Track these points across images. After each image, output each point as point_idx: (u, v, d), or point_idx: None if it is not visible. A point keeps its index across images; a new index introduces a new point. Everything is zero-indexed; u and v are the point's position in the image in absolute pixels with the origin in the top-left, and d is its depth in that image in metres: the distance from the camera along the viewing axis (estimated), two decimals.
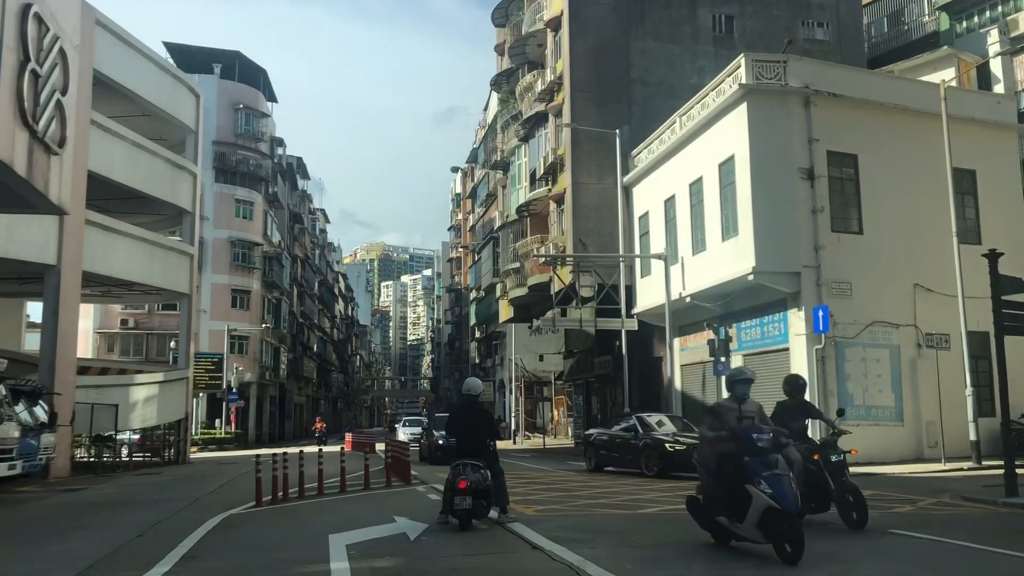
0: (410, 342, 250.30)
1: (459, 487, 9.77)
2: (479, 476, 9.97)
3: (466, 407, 10.98)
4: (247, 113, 57.74)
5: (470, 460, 10.12)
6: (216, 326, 53.24)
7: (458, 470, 10.02)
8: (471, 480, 9.83)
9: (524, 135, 36.08)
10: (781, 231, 21.87)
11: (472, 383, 11.26)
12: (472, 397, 11.08)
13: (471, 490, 9.79)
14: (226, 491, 17.96)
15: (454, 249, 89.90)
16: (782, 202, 21.93)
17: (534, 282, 34.06)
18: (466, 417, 10.73)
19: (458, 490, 9.79)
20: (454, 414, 11.13)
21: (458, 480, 9.83)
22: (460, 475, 9.89)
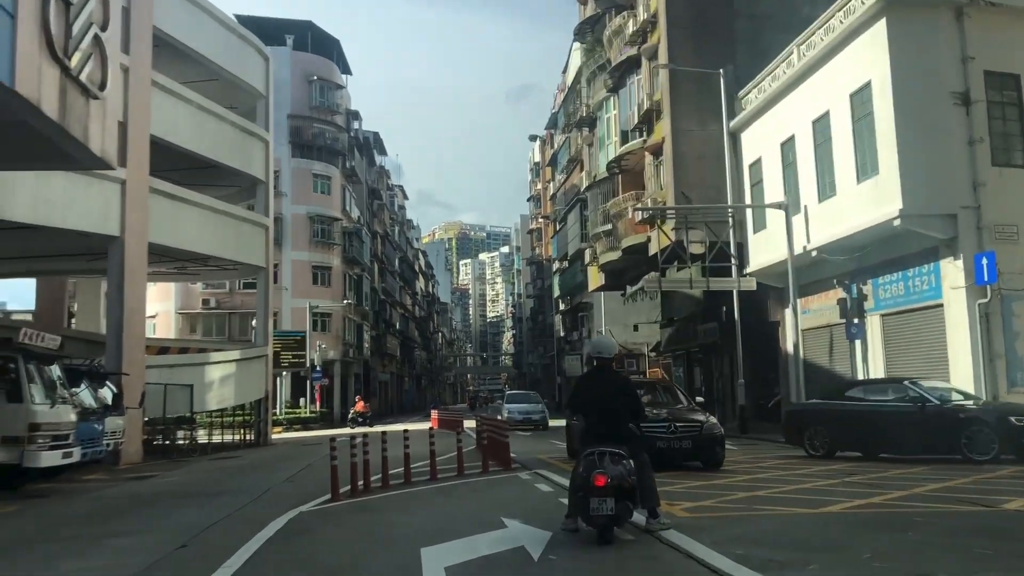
0: (489, 319, 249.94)
1: (596, 485, 7.11)
2: (622, 470, 7.25)
3: (597, 375, 8.11)
4: (321, 85, 56.04)
5: (609, 447, 7.42)
6: (298, 303, 51.92)
7: (592, 461, 7.32)
8: (612, 475, 7.16)
9: (613, 85, 33.09)
10: (932, 167, 18.60)
11: (604, 342, 8.41)
12: (605, 361, 8.22)
13: (612, 489, 7.13)
14: (303, 478, 15.85)
15: (534, 220, 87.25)
16: (932, 133, 18.63)
17: (629, 244, 31.19)
18: (599, 388, 7.90)
19: (595, 489, 7.13)
20: (582, 384, 8.25)
21: (594, 475, 7.16)
22: (596, 468, 7.21)
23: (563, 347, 65.56)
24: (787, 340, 26.79)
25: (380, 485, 12.98)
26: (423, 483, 13.28)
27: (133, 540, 9.06)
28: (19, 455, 14.91)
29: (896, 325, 21.11)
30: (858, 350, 22.43)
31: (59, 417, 15.85)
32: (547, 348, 77.26)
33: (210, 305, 52.75)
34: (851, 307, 22.29)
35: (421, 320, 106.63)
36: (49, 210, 20.62)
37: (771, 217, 25.33)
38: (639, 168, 31.82)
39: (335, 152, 56.46)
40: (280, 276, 52.79)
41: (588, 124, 39.46)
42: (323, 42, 57.42)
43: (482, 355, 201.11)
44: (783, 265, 24.86)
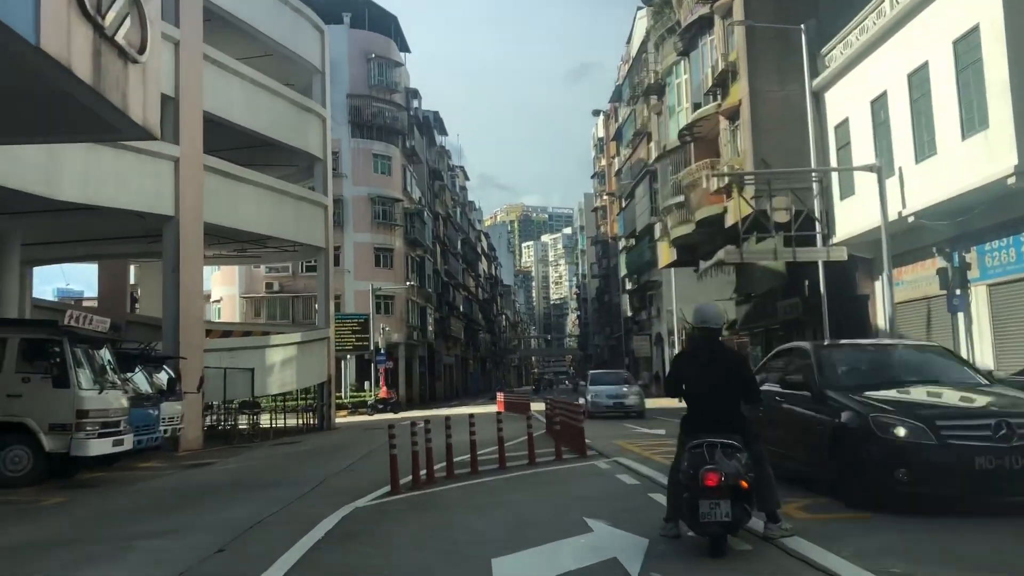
0: (553, 301, 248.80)
1: (707, 484, 5.69)
2: (738, 465, 5.83)
3: (703, 349, 6.68)
4: (380, 63, 55.14)
5: (719, 437, 6.00)
6: (361, 286, 51.34)
7: (700, 455, 5.90)
8: (726, 472, 5.72)
9: (683, 47, 31.28)
10: None
11: (709, 310, 6.86)
12: (711, 332, 6.75)
13: (727, 489, 5.69)
14: (363, 466, 14.80)
15: (598, 198, 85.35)
16: None
17: (703, 216, 29.46)
18: (705, 365, 6.48)
19: (705, 489, 5.70)
20: (684, 361, 6.89)
21: (704, 473, 5.73)
22: (706, 464, 5.79)
23: (631, 327, 63.85)
24: (878, 314, 24.91)
25: (445, 475, 11.82)
26: (491, 473, 12.07)
27: (168, 543, 8.02)
28: (67, 443, 14.19)
29: (1006, 296, 19.14)
30: (961, 324, 20.51)
31: (108, 403, 15.07)
32: (614, 329, 75.60)
33: (273, 289, 52.50)
34: (953, 277, 20.35)
35: (484, 302, 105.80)
36: (99, 189, 19.94)
37: (860, 182, 23.41)
38: (713, 135, 30.02)
39: (395, 132, 55.59)
40: (342, 259, 52.32)
41: (656, 92, 37.67)
42: (380, 19, 56.47)
43: (546, 337, 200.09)
44: (874, 233, 22.94)
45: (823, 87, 25.12)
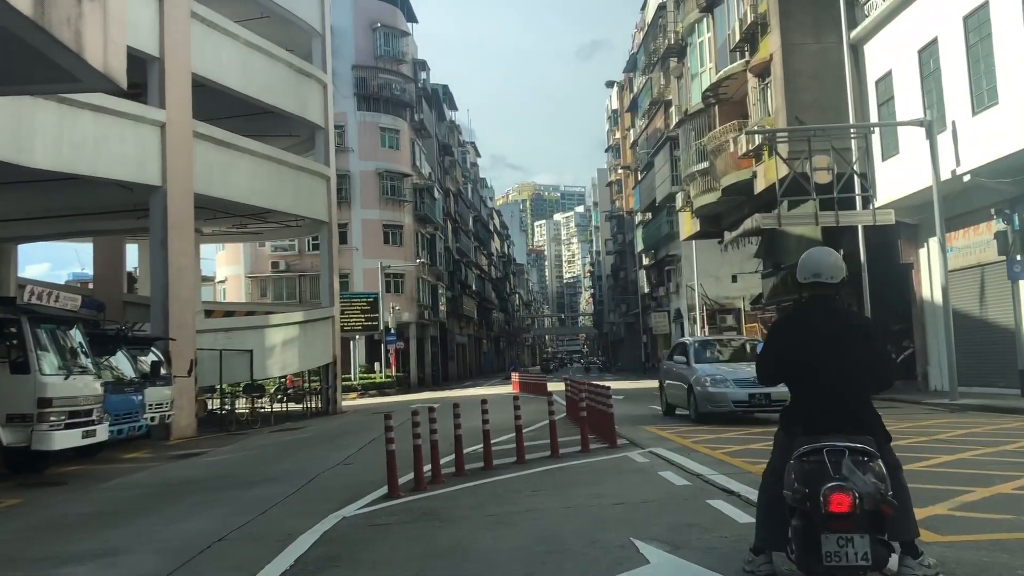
0: (566, 280, 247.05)
1: (833, 510, 3.77)
2: (875, 482, 3.90)
3: (816, 313, 4.59)
4: (386, 32, 53.12)
5: (846, 439, 4.08)
6: (370, 264, 49.62)
7: (819, 465, 3.98)
8: (861, 493, 3.81)
9: (707, 3, 29.19)
10: None
11: (824, 259, 4.63)
12: (827, 290, 4.62)
13: (863, 518, 3.81)
14: (363, 459, 13.11)
15: (613, 172, 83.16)
16: None
17: (730, 182, 27.50)
18: (821, 335, 4.45)
19: (831, 517, 3.79)
20: (786, 329, 4.72)
21: (829, 493, 3.81)
22: (831, 480, 3.87)
23: (648, 304, 61.95)
24: (923, 284, 23.02)
25: (453, 472, 10.10)
26: (508, 469, 10.34)
27: (96, 570, 6.32)
28: (28, 436, 12.55)
29: None
30: (1022, 292, 18.63)
31: (78, 390, 13.41)
32: (630, 306, 73.70)
33: (279, 268, 50.87)
34: (1014, 241, 18.45)
35: (497, 281, 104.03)
36: (75, 156, 18.21)
37: (906, 140, 21.44)
38: (740, 96, 28.03)
39: (402, 104, 53.65)
40: (350, 236, 50.63)
41: (677, 53, 35.58)
42: None
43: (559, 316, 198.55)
44: (920, 196, 21.02)
45: (862, 38, 23.12)
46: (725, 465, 9.39)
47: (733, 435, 12.92)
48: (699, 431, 13.90)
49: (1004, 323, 19.41)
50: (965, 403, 17.67)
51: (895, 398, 20.76)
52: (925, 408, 18.06)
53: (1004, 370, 19.36)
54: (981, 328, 20.41)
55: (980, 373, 20.18)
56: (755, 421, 15.71)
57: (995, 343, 19.86)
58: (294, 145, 30.49)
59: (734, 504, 7.02)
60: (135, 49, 20.34)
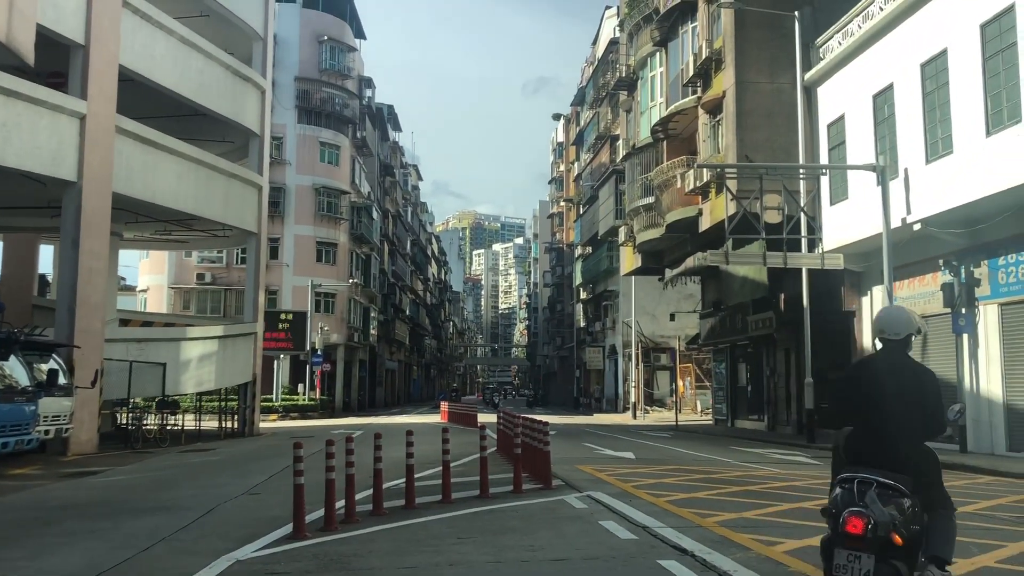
0: (502, 310, 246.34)
1: (847, 530, 4.31)
2: (893, 514, 4.32)
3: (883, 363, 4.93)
4: (332, 46, 51.94)
5: (879, 474, 4.50)
6: (300, 282, 48.05)
7: (848, 492, 4.49)
8: (876, 521, 4.27)
9: (661, 37, 28.87)
10: None
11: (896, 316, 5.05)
12: (895, 345, 4.97)
13: (873, 542, 4.26)
14: (272, 488, 11.89)
15: (555, 204, 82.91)
16: None
17: (675, 218, 26.99)
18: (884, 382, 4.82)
19: (846, 536, 4.32)
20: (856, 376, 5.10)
21: (847, 516, 4.34)
22: (853, 507, 4.38)
23: (583, 338, 61.40)
24: (865, 333, 22.68)
25: (370, 510, 9.01)
26: (432, 509, 9.28)
27: None
28: None
29: (1022, 317, 16.98)
30: (966, 346, 18.31)
31: None
32: (565, 339, 73.11)
33: (205, 280, 48.91)
34: (959, 294, 18.17)
35: (432, 307, 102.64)
36: None
37: (855, 186, 21.18)
38: (689, 132, 27.66)
39: (345, 120, 52.42)
40: (281, 251, 49.07)
41: (627, 87, 35.24)
42: (335, 1, 53.30)
43: (493, 346, 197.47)
44: (867, 243, 20.76)
45: (816, 81, 22.92)
46: (672, 516, 8.49)
47: (675, 480, 12.08)
48: (638, 473, 13.03)
49: (946, 377, 19.04)
50: None
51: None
52: None
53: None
54: None
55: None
56: (696, 464, 14.93)
57: None
58: (228, 152, 29.13)
59: (690, 567, 6.12)
60: (57, 33, 18.98)
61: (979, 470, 14.67)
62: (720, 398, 34.23)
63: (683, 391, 43.34)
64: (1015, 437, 17.04)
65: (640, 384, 44.31)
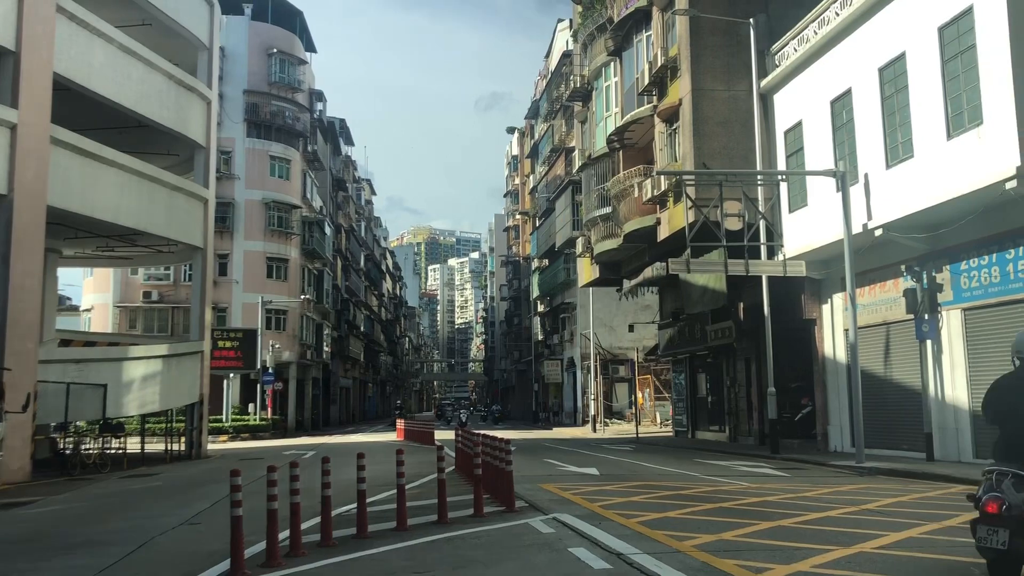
0: (458, 326, 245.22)
1: (986, 510, 5.49)
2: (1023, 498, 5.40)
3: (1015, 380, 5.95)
4: (282, 59, 51.00)
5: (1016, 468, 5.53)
6: (250, 298, 46.84)
7: (989, 484, 5.60)
8: (1009, 503, 5.39)
9: (615, 47, 28.56)
10: None
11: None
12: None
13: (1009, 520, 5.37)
14: (213, 518, 11.07)
15: (510, 217, 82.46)
16: None
17: (633, 228, 26.60)
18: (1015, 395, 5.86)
19: (985, 515, 5.50)
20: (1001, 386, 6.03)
21: (986, 499, 5.51)
22: (992, 492, 5.52)
23: (541, 352, 60.91)
24: (825, 341, 22.46)
25: (319, 540, 8.30)
26: (386, 538, 8.60)
27: None
28: None
29: (985, 321, 16.79)
30: (929, 352, 18.09)
31: None
32: (523, 353, 72.54)
33: (152, 298, 47.46)
34: (922, 300, 17.95)
35: (387, 323, 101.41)
36: None
37: (814, 192, 20.97)
38: (645, 141, 27.35)
39: (296, 134, 51.44)
40: (231, 267, 47.87)
41: (582, 97, 34.90)
42: (285, 13, 52.36)
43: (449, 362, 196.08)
44: (826, 250, 20.53)
45: (773, 88, 22.73)
46: (646, 540, 7.91)
47: (644, 498, 11.52)
48: (606, 492, 12.45)
49: (910, 384, 18.85)
50: (873, 467, 16.86)
51: (797, 458, 19.96)
52: (832, 471, 17.19)
53: (909, 433, 18.77)
54: (886, 389, 19.85)
55: (883, 435, 19.58)
56: (662, 479, 14.41)
57: (900, 404, 19.29)
58: (173, 165, 28.16)
59: None
60: None
61: (950, 479, 14.34)
62: (680, 409, 33.88)
63: (642, 403, 42.99)
64: (982, 444, 16.77)
65: (599, 397, 43.86)
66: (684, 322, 30.58)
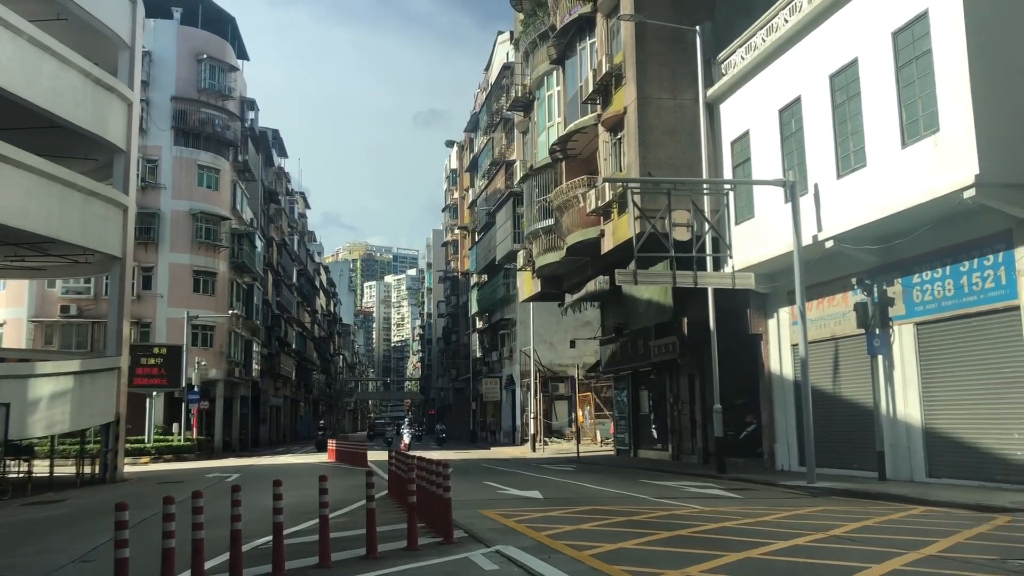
0: (394, 344, 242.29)
1: None
2: None
3: None
4: (212, 65, 49.24)
5: None
6: (176, 313, 44.79)
7: None
8: None
9: (558, 55, 27.85)
10: (1016, 121, 13.89)
11: None
12: None
13: None
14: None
15: (449, 232, 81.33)
16: (1009, 79, 13.94)
17: (576, 240, 25.79)
18: None
19: None
20: None
21: None
22: None
23: (479, 369, 59.80)
24: (772, 357, 21.90)
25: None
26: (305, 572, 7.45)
27: None
28: None
29: (939, 336, 16.32)
30: (880, 368, 17.57)
31: None
32: (460, 371, 71.30)
33: (70, 312, 45.03)
34: (873, 313, 17.44)
35: (321, 340, 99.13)
36: None
37: (761, 204, 20.44)
38: (589, 151, 26.65)
39: (226, 143, 49.67)
40: (155, 281, 45.80)
41: (523, 107, 34.13)
42: (216, 20, 50.67)
43: (385, 380, 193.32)
44: (773, 263, 20.00)
45: (719, 97, 22.20)
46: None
47: (594, 526, 10.57)
48: (552, 518, 11.46)
49: (861, 401, 18.31)
50: (825, 486, 16.22)
51: (745, 477, 19.26)
52: (784, 492, 16.49)
53: (860, 451, 18.20)
54: (835, 406, 19.29)
55: (833, 454, 18.97)
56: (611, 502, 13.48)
57: (850, 422, 18.74)
58: (92, 171, 26.45)
59: None
60: None
61: (907, 500, 13.72)
62: (622, 427, 33.12)
63: (582, 421, 42.18)
64: (935, 462, 16.29)
65: (539, 415, 42.93)
66: (627, 337, 29.87)
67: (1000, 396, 14.78)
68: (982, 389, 15.20)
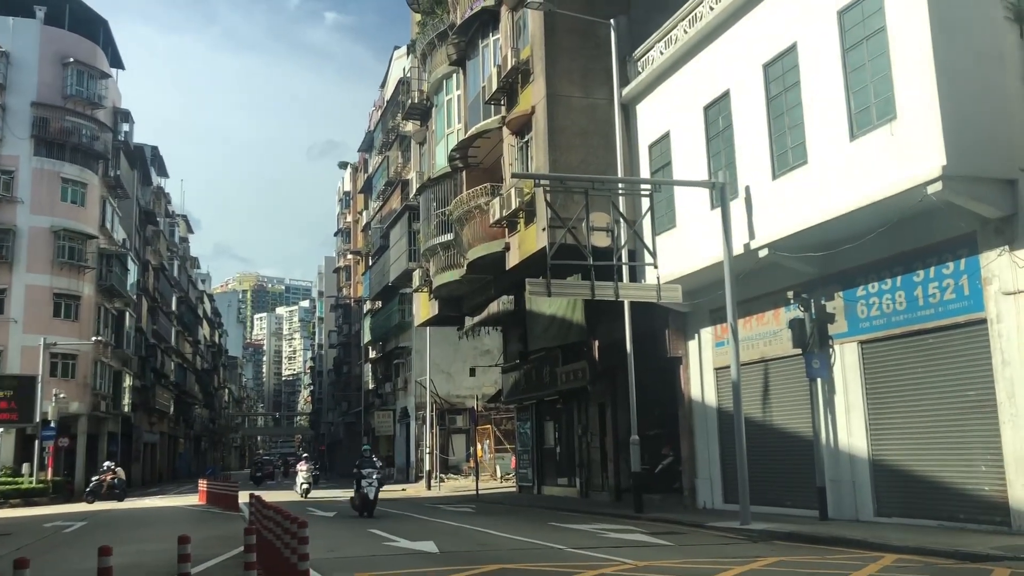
0: (285, 377, 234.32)
1: None
2: None
3: None
4: (80, 70, 45.04)
5: None
6: (32, 340, 40.12)
7: None
8: None
9: (459, 55, 25.53)
10: (979, 110, 12.21)
11: None
12: None
13: None
14: None
15: (341, 257, 77.72)
16: (975, 61, 12.28)
17: (478, 255, 23.26)
18: None
19: None
20: None
21: None
22: None
23: (372, 401, 56.44)
24: (692, 382, 19.86)
25: None
26: None
27: None
28: None
29: (887, 355, 14.48)
30: (820, 393, 15.65)
31: None
32: (352, 404, 67.56)
33: None
34: (811, 331, 15.55)
35: (204, 373, 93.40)
36: None
37: (685, 212, 18.46)
38: (493, 159, 24.33)
39: (94, 155, 45.37)
40: (8, 304, 41.10)
41: (420, 115, 31.61)
42: (86, 21, 46.52)
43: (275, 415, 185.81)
44: (697, 278, 18.00)
45: (635, 97, 20.24)
46: None
47: None
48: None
49: (797, 430, 16.36)
50: (764, 528, 14.06)
51: (668, 518, 16.99)
52: (717, 536, 14.25)
53: (796, 487, 16.24)
54: (767, 436, 17.30)
55: (765, 490, 16.86)
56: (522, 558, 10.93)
57: (784, 454, 16.77)
58: None
59: None
60: None
61: (868, 545, 11.62)
62: (525, 462, 30.60)
63: (481, 455, 39.49)
64: (883, 499, 14.38)
65: (435, 450, 40.04)
66: (531, 364, 27.49)
67: (962, 423, 12.97)
68: (941, 415, 13.37)
